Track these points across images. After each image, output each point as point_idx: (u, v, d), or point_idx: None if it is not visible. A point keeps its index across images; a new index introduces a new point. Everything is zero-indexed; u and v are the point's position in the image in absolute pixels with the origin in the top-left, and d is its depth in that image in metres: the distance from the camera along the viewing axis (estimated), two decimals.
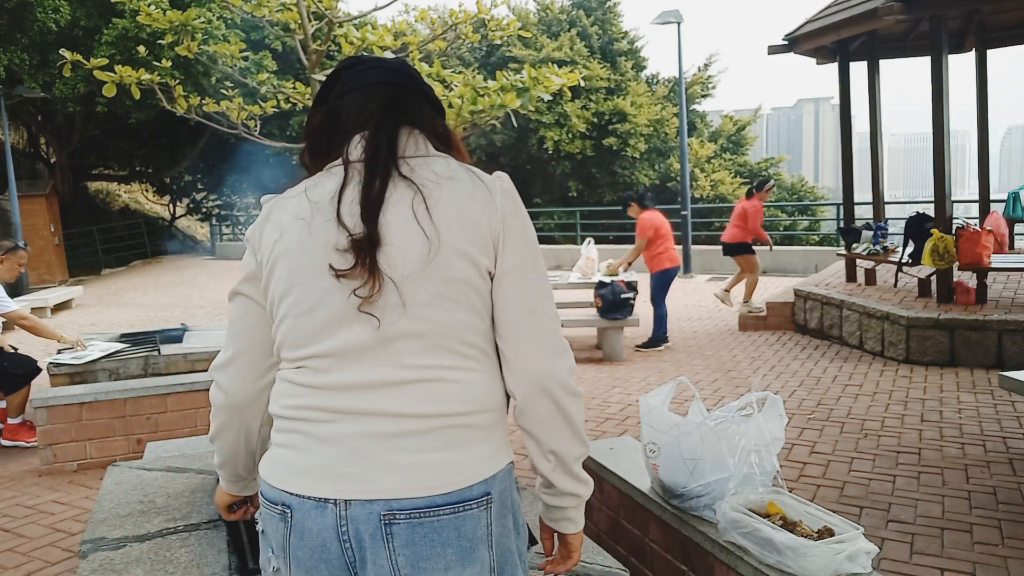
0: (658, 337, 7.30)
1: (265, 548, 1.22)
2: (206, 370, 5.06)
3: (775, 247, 11.51)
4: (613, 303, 6.88)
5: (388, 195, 1.17)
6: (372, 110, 1.25)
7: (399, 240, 1.15)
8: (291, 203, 1.24)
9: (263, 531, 1.21)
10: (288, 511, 1.15)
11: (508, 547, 1.21)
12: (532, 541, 1.43)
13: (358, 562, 1.13)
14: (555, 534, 1.32)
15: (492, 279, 1.20)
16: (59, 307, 12.23)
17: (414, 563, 1.11)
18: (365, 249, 1.13)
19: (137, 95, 8.74)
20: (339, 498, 1.12)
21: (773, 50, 8.13)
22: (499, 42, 20.41)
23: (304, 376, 1.19)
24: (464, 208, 1.18)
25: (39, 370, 5.04)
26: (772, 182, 8.63)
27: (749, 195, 8.18)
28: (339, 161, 1.24)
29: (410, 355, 1.15)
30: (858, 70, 8.33)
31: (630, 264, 7.43)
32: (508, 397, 1.25)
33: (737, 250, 8.17)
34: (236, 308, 1.29)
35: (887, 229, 7.88)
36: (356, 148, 1.23)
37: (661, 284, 7.18)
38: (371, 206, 1.16)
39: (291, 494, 1.15)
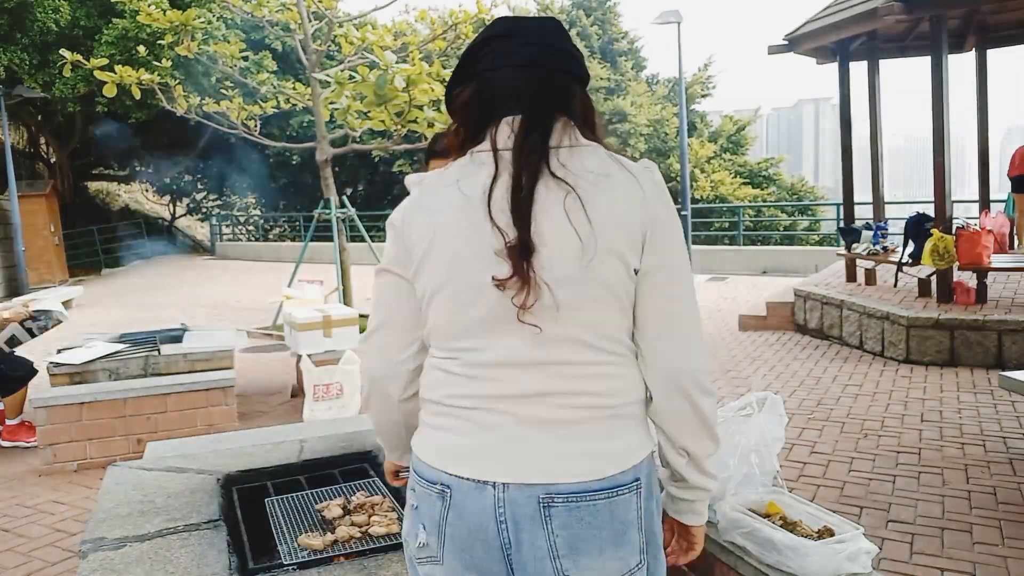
0: None
1: (416, 523, 1.25)
2: (206, 370, 5.07)
3: (775, 247, 11.51)
4: None
5: (539, 195, 1.15)
6: (525, 92, 1.19)
7: (553, 243, 1.14)
8: (444, 193, 1.22)
9: (416, 507, 1.24)
10: (447, 491, 1.19)
11: (653, 529, 1.26)
12: None
13: (512, 544, 1.17)
14: (675, 525, 1.36)
15: (637, 275, 1.20)
16: None
17: (571, 544, 1.16)
18: (521, 256, 1.13)
19: (137, 95, 8.76)
20: (498, 481, 1.16)
21: (773, 50, 8.13)
22: None
23: (459, 367, 1.22)
24: (618, 207, 1.17)
25: (35, 372, 5.04)
26: None
27: None
28: (487, 146, 1.20)
29: (564, 353, 1.18)
30: (858, 70, 8.34)
31: None
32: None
33: None
34: (381, 284, 1.31)
35: (887, 229, 7.87)
36: (504, 135, 1.19)
37: None
38: (522, 208, 1.14)
39: (450, 475, 1.19)
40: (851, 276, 8.01)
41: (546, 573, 1.17)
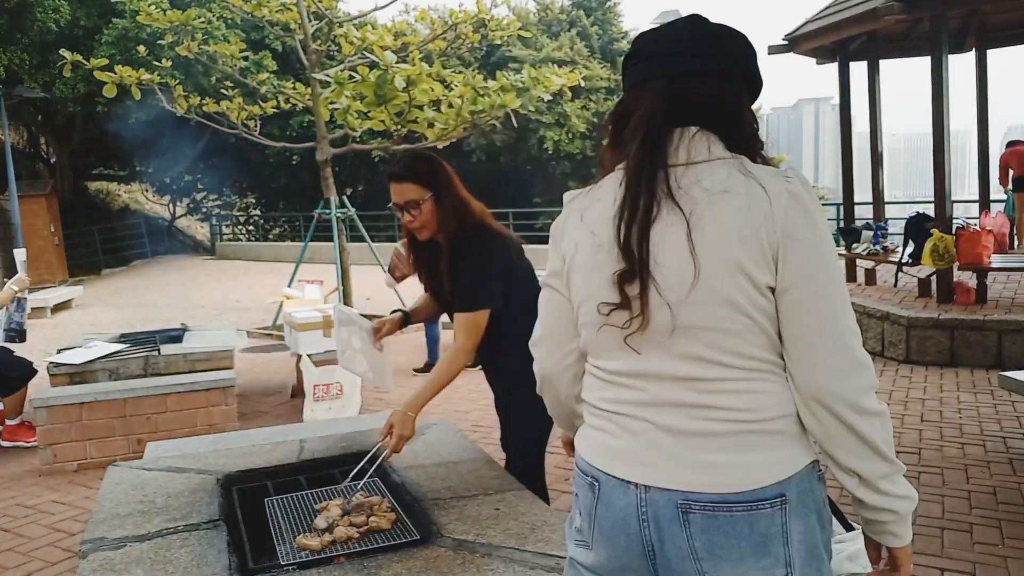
0: None
1: (575, 508, 1.34)
2: (206, 370, 5.07)
3: None
4: None
5: (655, 216, 1.17)
6: (646, 112, 1.21)
7: (665, 266, 1.16)
8: (591, 210, 1.28)
9: (576, 494, 1.33)
10: (596, 484, 1.27)
11: (814, 543, 1.22)
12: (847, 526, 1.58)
13: (655, 542, 1.21)
14: (875, 545, 1.32)
15: (775, 293, 1.16)
16: (59, 307, 12.23)
17: (710, 549, 1.18)
18: (624, 282, 1.18)
19: (137, 95, 8.75)
20: (640, 483, 1.21)
21: (773, 50, 8.13)
22: (499, 42, 20.40)
23: (603, 373, 1.30)
24: (738, 223, 1.14)
25: (35, 372, 5.04)
26: None
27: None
28: (624, 164, 1.24)
29: (691, 369, 1.19)
30: (858, 70, 8.34)
31: None
32: None
33: None
34: (543, 297, 1.40)
35: (887, 229, 7.88)
36: (633, 154, 1.21)
37: None
38: (637, 232, 1.17)
39: (599, 471, 1.27)
40: (851, 276, 8.01)
41: (688, 573, 1.20)
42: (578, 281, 1.28)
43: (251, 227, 26.43)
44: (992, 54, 8.61)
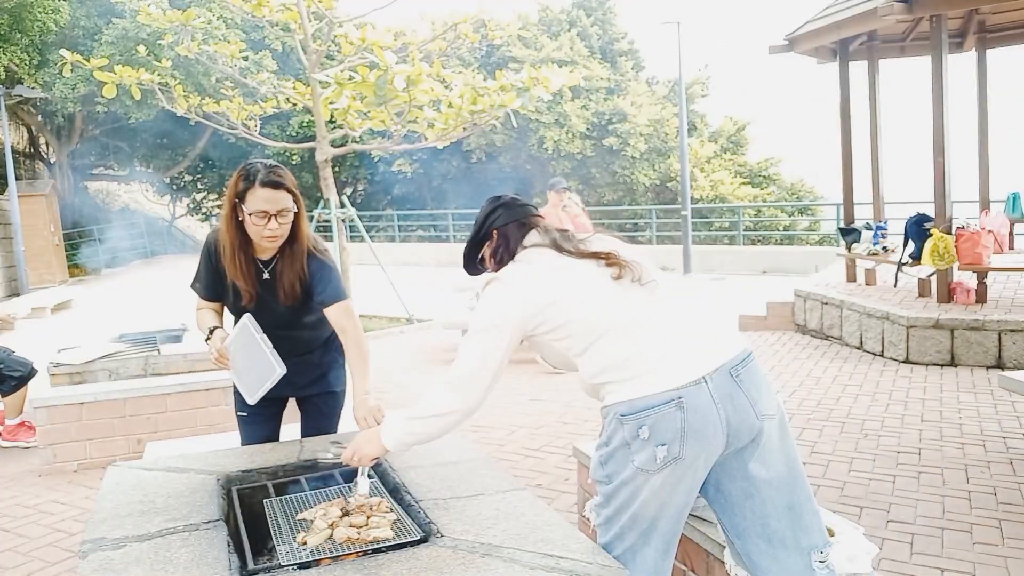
0: None
1: (651, 446, 1.73)
2: (206, 370, 5.06)
3: (775, 247, 11.51)
4: None
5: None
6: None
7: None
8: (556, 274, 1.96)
9: (644, 437, 1.72)
10: (681, 399, 1.72)
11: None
12: None
13: (728, 410, 1.75)
14: None
15: None
16: (59, 307, 12.23)
17: (757, 390, 1.80)
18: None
19: (137, 95, 8.75)
20: (705, 374, 1.75)
21: (773, 50, 8.13)
22: (499, 42, 20.39)
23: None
24: None
25: (35, 372, 5.04)
26: None
27: None
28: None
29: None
30: (858, 70, 8.33)
31: None
32: None
33: None
34: (494, 344, 1.91)
35: (887, 229, 7.87)
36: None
37: None
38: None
39: (677, 388, 1.73)
40: (851, 276, 8.01)
41: (747, 420, 1.76)
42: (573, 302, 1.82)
43: None
44: (992, 54, 8.59)
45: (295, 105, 9.78)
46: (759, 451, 1.80)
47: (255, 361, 2.45)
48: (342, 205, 8.88)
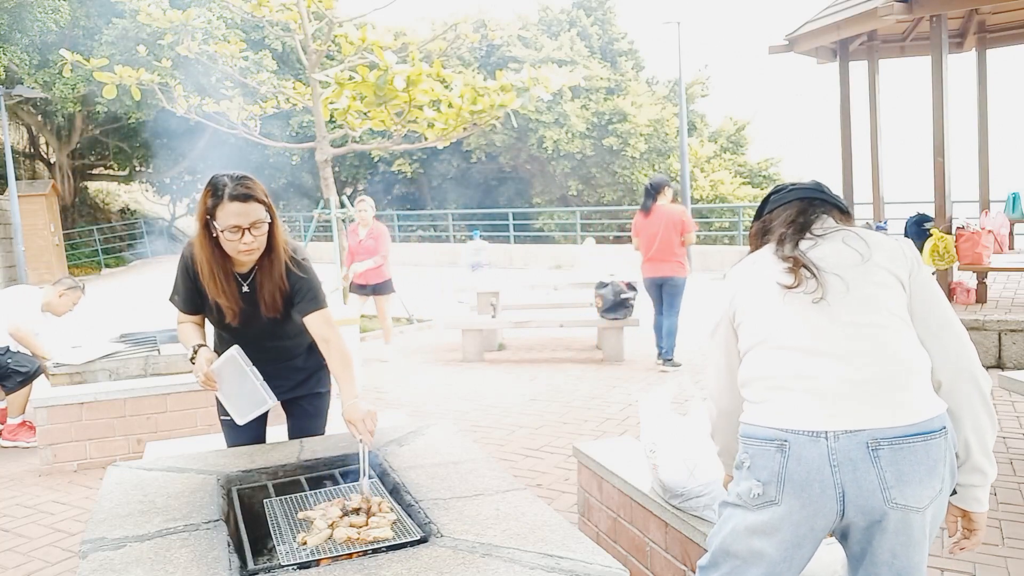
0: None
1: (749, 478, 1.59)
2: None
3: None
4: (613, 303, 6.87)
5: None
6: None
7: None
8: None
9: (747, 465, 1.59)
10: (786, 444, 1.54)
11: (955, 466, 1.57)
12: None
13: (847, 482, 1.50)
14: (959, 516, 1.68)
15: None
16: None
17: (899, 476, 1.49)
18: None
19: (137, 95, 8.75)
20: (830, 430, 1.51)
21: (773, 50, 8.13)
22: (499, 42, 20.41)
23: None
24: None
25: (40, 370, 5.04)
26: None
27: None
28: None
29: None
30: (858, 70, 8.33)
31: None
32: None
33: None
34: (719, 342, 1.87)
35: (887, 229, 7.87)
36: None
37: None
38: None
39: (787, 431, 1.54)
40: None
41: (874, 503, 1.50)
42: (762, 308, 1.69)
43: None
44: (992, 54, 8.59)
45: (295, 105, 9.79)
46: (882, 536, 1.57)
47: (244, 389, 2.45)
48: (342, 205, 8.88)
